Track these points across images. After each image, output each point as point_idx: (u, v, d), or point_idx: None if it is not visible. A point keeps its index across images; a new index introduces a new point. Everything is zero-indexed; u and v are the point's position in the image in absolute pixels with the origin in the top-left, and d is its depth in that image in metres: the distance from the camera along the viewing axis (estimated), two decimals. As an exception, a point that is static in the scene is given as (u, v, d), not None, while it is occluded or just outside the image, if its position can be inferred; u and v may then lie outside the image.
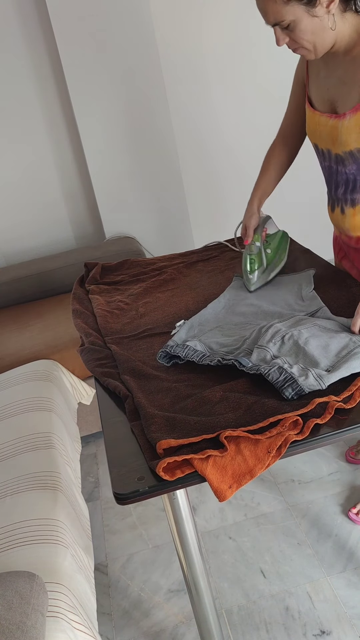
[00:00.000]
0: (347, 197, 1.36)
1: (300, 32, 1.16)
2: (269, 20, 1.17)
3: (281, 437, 0.88)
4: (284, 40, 1.19)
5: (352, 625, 1.43)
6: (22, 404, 1.75)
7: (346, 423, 0.92)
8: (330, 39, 1.19)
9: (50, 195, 2.90)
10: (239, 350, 1.12)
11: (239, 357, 1.07)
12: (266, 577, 1.61)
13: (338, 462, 1.98)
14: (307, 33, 1.16)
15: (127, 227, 2.87)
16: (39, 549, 1.20)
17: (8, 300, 2.61)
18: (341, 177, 1.35)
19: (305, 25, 1.15)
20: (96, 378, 1.21)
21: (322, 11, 1.13)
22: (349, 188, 1.34)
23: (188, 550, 1.04)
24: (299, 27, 1.15)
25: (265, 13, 1.16)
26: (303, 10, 1.12)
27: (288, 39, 1.19)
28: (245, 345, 1.13)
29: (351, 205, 1.36)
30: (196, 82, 2.83)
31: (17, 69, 2.63)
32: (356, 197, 1.34)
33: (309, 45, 1.19)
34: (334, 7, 1.13)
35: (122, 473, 0.90)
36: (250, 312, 1.35)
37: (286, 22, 1.15)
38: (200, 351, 1.15)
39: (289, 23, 1.15)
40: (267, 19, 1.17)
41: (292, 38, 1.18)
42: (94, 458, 2.27)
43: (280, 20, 1.15)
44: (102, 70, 2.55)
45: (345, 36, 1.20)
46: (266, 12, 1.16)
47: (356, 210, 1.35)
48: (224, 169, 3.05)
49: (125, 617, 1.58)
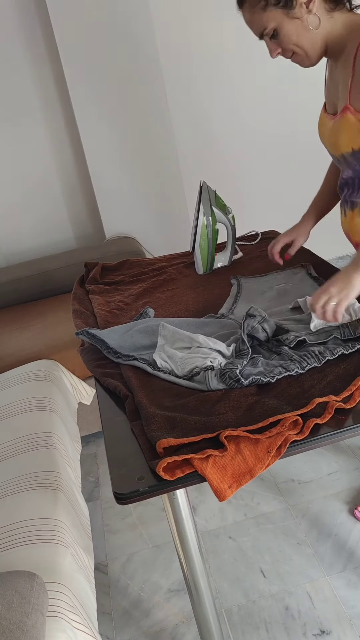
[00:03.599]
0: (347, 200, 1.36)
1: (285, 37, 1.16)
2: (255, 32, 1.19)
3: (281, 437, 0.89)
4: (276, 51, 1.20)
5: (352, 625, 1.43)
6: (22, 404, 1.75)
7: (346, 423, 0.92)
8: (318, 40, 1.18)
9: (50, 195, 2.90)
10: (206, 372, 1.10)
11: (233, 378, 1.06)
12: (266, 576, 1.62)
13: (338, 462, 1.98)
14: (292, 37, 1.16)
15: (127, 227, 2.87)
16: (39, 548, 1.20)
17: (8, 300, 2.61)
18: (343, 178, 1.35)
19: (288, 29, 1.15)
20: (96, 378, 1.21)
21: (302, 12, 1.13)
22: (350, 190, 1.34)
23: (188, 550, 1.04)
24: (283, 32, 1.15)
25: (251, 26, 1.18)
26: (282, 14, 1.13)
27: (279, 49, 1.20)
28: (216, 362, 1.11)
29: (350, 208, 1.36)
30: (196, 82, 2.83)
31: (17, 69, 2.63)
32: (355, 201, 1.33)
33: (298, 50, 1.18)
34: (313, 6, 1.13)
35: (122, 473, 0.90)
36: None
37: (269, 29, 1.16)
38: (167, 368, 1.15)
39: (272, 30, 1.16)
40: (254, 31, 1.19)
41: (280, 46, 1.19)
42: (94, 458, 2.27)
43: (264, 29, 1.16)
44: (103, 71, 2.55)
45: (337, 36, 1.18)
46: (251, 25, 1.18)
47: (355, 214, 1.35)
48: (224, 169, 3.05)
49: (125, 616, 1.58)
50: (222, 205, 1.63)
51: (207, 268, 1.67)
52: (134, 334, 1.25)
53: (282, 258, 1.56)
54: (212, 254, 1.65)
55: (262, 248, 1.81)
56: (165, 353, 1.16)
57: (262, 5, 1.14)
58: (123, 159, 2.74)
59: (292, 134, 3.03)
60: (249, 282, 1.52)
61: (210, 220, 1.60)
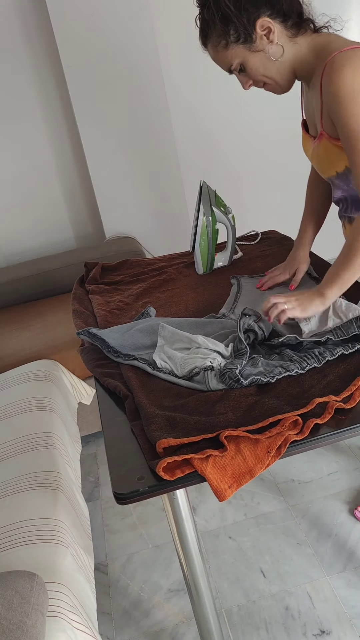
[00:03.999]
0: (342, 215, 1.36)
1: (252, 70, 1.16)
2: (224, 69, 1.19)
3: (281, 437, 0.88)
4: (247, 83, 1.20)
5: (352, 625, 1.43)
6: (22, 404, 1.75)
7: (346, 423, 0.92)
8: (286, 68, 1.17)
9: (50, 195, 2.90)
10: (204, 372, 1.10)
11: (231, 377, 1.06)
12: (266, 576, 1.62)
13: (338, 462, 1.98)
14: (259, 69, 1.16)
15: (127, 227, 2.87)
16: (39, 548, 1.20)
17: (8, 300, 2.61)
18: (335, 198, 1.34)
19: (253, 62, 1.15)
20: (96, 378, 1.21)
21: (263, 44, 1.13)
22: (344, 207, 1.34)
23: (188, 550, 1.04)
24: (249, 66, 1.16)
25: (218, 64, 1.19)
26: (244, 49, 1.14)
27: (250, 81, 1.20)
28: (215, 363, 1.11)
29: (349, 222, 1.35)
30: (196, 82, 2.83)
31: (17, 69, 2.63)
32: (350, 216, 1.33)
33: (268, 80, 1.18)
34: (274, 36, 1.12)
35: (122, 473, 0.90)
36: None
37: (235, 65, 1.16)
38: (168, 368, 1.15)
39: (239, 65, 1.16)
40: (222, 68, 1.19)
41: (251, 78, 1.19)
42: (94, 458, 2.27)
43: (230, 65, 1.17)
44: (103, 71, 2.55)
45: (304, 60, 1.17)
46: (218, 63, 1.19)
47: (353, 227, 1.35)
48: (224, 169, 3.05)
49: (125, 616, 1.58)
50: (222, 205, 1.63)
51: (207, 268, 1.67)
52: (134, 333, 1.25)
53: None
54: (212, 254, 1.65)
55: (262, 248, 1.81)
56: (165, 353, 1.16)
57: (223, 45, 1.14)
58: (123, 159, 2.73)
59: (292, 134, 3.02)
60: (249, 282, 1.52)
61: (210, 220, 1.60)
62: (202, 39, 1.20)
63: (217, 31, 1.14)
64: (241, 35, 1.12)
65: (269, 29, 1.11)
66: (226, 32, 1.13)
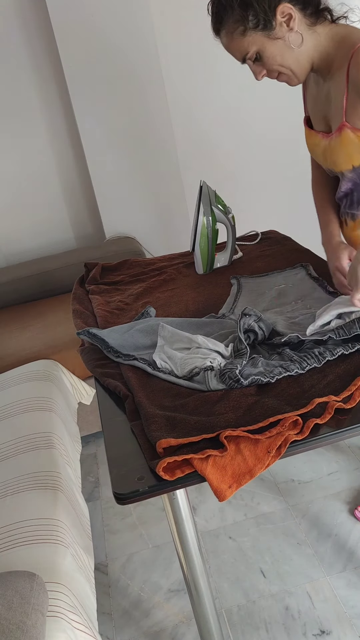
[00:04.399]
0: (346, 211, 1.35)
1: (269, 59, 1.12)
2: (237, 58, 1.14)
3: (281, 437, 0.88)
4: (261, 73, 1.16)
5: (352, 625, 1.43)
6: (22, 404, 1.75)
7: (346, 423, 0.92)
8: (304, 57, 1.14)
9: (50, 195, 2.90)
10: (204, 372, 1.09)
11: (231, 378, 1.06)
12: (266, 577, 1.62)
13: (338, 462, 1.98)
14: (276, 58, 1.12)
15: (127, 227, 2.87)
16: (39, 549, 1.20)
17: (8, 300, 2.61)
18: (340, 191, 1.33)
19: (271, 51, 1.11)
20: (96, 378, 1.21)
21: (282, 32, 1.09)
22: (348, 202, 1.32)
23: (188, 550, 1.04)
24: (266, 55, 1.11)
25: (231, 52, 1.14)
26: (263, 36, 1.09)
27: (264, 71, 1.16)
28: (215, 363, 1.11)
29: (351, 219, 1.34)
30: (196, 82, 2.83)
31: (17, 69, 2.63)
32: (355, 213, 1.32)
33: (284, 70, 1.14)
34: (294, 24, 1.09)
35: (122, 473, 0.90)
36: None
37: (251, 53, 1.12)
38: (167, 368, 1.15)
39: (255, 54, 1.12)
40: (235, 57, 1.14)
41: (265, 68, 1.15)
42: (94, 458, 2.27)
43: (246, 53, 1.12)
44: (102, 71, 2.55)
45: (323, 51, 1.14)
46: (231, 51, 1.14)
47: (356, 224, 1.34)
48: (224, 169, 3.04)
49: (125, 617, 1.58)
50: (222, 205, 1.63)
51: (207, 268, 1.67)
52: (134, 333, 1.25)
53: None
54: (212, 254, 1.65)
55: (262, 248, 1.81)
56: (165, 353, 1.16)
57: (240, 31, 1.09)
58: (123, 159, 2.73)
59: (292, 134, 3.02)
60: (249, 282, 1.52)
61: (210, 220, 1.60)
62: (215, 25, 1.13)
63: (235, 16, 1.08)
64: (260, 21, 1.07)
65: (289, 15, 1.07)
66: (245, 17, 1.07)
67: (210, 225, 1.60)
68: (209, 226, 1.60)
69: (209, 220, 1.60)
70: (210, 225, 1.60)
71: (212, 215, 1.60)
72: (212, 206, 1.60)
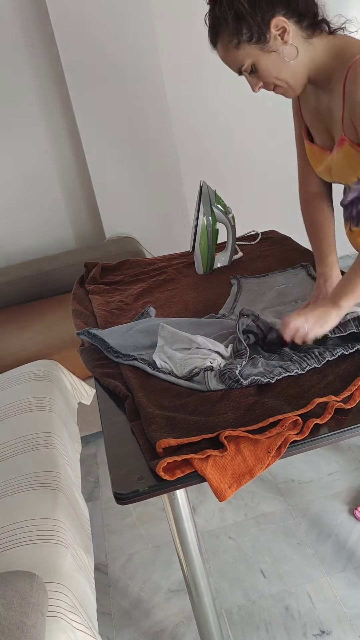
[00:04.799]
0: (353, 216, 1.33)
1: (264, 71, 1.11)
2: (233, 70, 1.15)
3: (281, 437, 0.88)
4: (257, 85, 1.16)
5: (352, 625, 1.43)
6: (22, 404, 1.75)
7: (346, 423, 0.92)
8: (300, 69, 1.13)
9: (50, 195, 2.90)
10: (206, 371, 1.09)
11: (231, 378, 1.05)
12: (266, 577, 1.61)
13: (338, 462, 1.98)
14: (271, 70, 1.11)
15: (127, 227, 2.87)
16: (39, 549, 1.20)
17: (8, 300, 2.61)
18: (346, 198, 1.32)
19: (265, 63, 1.10)
20: (96, 378, 1.21)
21: (277, 45, 1.09)
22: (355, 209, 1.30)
23: (188, 550, 1.04)
24: (261, 67, 1.11)
25: (228, 64, 1.14)
26: (257, 49, 1.09)
27: (261, 83, 1.15)
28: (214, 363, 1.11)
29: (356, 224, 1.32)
30: (196, 82, 2.83)
31: (17, 69, 2.63)
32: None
33: (280, 82, 1.14)
34: (289, 37, 1.08)
35: (122, 473, 0.90)
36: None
37: (246, 66, 1.11)
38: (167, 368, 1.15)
39: (250, 66, 1.11)
40: (232, 69, 1.14)
41: (261, 80, 1.14)
42: (94, 458, 2.27)
43: (241, 66, 1.12)
44: (103, 71, 2.55)
45: (320, 63, 1.13)
46: (228, 63, 1.14)
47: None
48: (224, 169, 3.04)
49: (125, 617, 1.58)
50: (222, 205, 1.63)
51: (207, 268, 1.67)
52: (134, 333, 1.25)
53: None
54: (212, 254, 1.65)
55: (262, 248, 1.81)
56: (164, 354, 1.16)
57: (234, 44, 1.09)
58: (123, 159, 2.73)
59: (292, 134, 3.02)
60: (249, 282, 1.52)
61: (210, 220, 1.60)
62: (211, 37, 1.14)
63: (229, 30, 1.08)
64: (254, 35, 1.07)
65: (283, 28, 1.07)
66: (239, 30, 1.07)
67: (210, 225, 1.60)
68: (209, 226, 1.60)
69: (209, 220, 1.60)
70: (210, 225, 1.60)
71: (212, 215, 1.60)
72: (212, 206, 1.60)
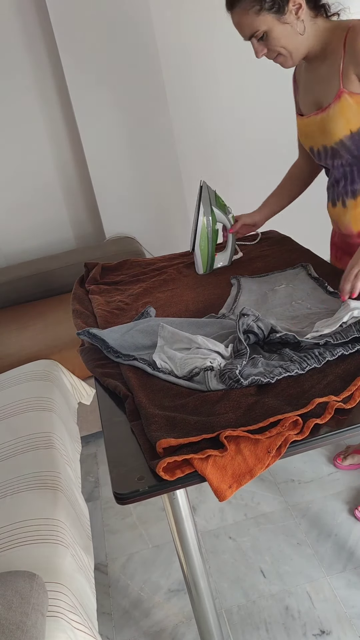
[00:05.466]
0: (347, 189, 1.39)
1: (274, 39, 1.24)
2: (244, 34, 1.26)
3: (281, 437, 0.88)
4: (262, 52, 1.28)
5: (352, 625, 1.43)
6: (22, 404, 1.75)
7: (346, 423, 0.92)
8: (303, 44, 1.27)
9: (50, 195, 2.90)
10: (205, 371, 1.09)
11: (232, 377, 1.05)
12: (266, 576, 1.62)
13: (338, 462, 1.98)
14: (281, 40, 1.25)
15: (127, 227, 2.87)
16: (39, 549, 1.20)
17: (8, 300, 2.61)
18: (338, 171, 1.39)
19: (278, 32, 1.23)
20: (96, 378, 1.21)
21: (291, 18, 1.22)
22: (348, 180, 1.38)
23: (188, 550, 1.04)
24: (272, 35, 1.24)
25: (241, 27, 1.25)
26: (274, 18, 1.22)
27: (265, 50, 1.27)
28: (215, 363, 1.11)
29: (352, 196, 1.39)
30: (196, 82, 2.83)
31: (17, 69, 2.63)
32: (357, 188, 1.37)
33: (284, 51, 1.27)
34: (302, 13, 1.23)
35: (122, 473, 0.90)
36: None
37: (260, 32, 1.23)
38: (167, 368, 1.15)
39: (262, 33, 1.23)
40: (243, 33, 1.26)
41: (268, 47, 1.27)
42: (94, 458, 2.27)
43: (255, 31, 1.23)
44: (103, 71, 2.55)
45: (319, 40, 1.28)
46: (241, 27, 1.25)
47: (357, 202, 1.38)
48: (224, 169, 3.04)
49: (125, 617, 1.58)
50: (222, 205, 1.63)
51: (207, 268, 1.67)
52: (134, 333, 1.25)
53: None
54: (212, 254, 1.65)
55: (262, 248, 1.81)
56: (164, 354, 1.16)
57: (256, 10, 1.21)
58: (123, 159, 2.74)
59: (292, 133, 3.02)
60: (249, 282, 1.52)
61: (210, 220, 1.60)
62: (232, 0, 1.24)
63: None
64: (275, 5, 1.20)
65: (299, 5, 1.22)
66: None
67: (210, 225, 1.60)
68: (209, 226, 1.60)
69: (209, 220, 1.60)
70: (210, 225, 1.60)
71: (212, 215, 1.60)
72: (212, 206, 1.60)
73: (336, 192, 1.43)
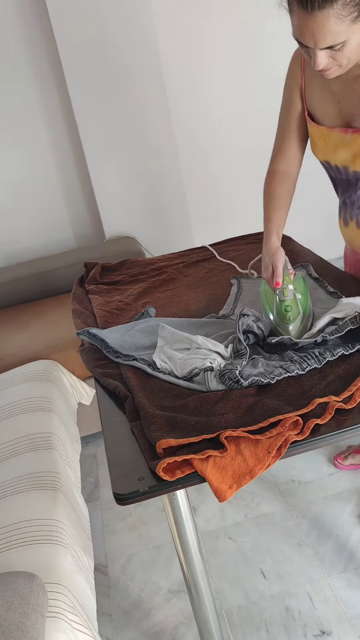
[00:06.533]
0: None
1: (350, 51, 1.05)
2: (321, 42, 1.03)
3: (281, 438, 0.88)
4: (324, 63, 1.08)
5: (352, 625, 1.43)
6: (22, 404, 1.75)
7: (346, 423, 0.91)
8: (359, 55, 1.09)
9: (50, 195, 2.90)
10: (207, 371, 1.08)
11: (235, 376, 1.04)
12: (266, 577, 1.61)
13: (338, 462, 1.98)
14: (353, 51, 1.06)
15: (127, 227, 2.87)
16: (39, 549, 1.20)
17: (8, 300, 2.61)
18: (356, 194, 1.28)
19: (355, 43, 1.05)
20: (96, 378, 1.21)
21: None
22: None
23: (188, 550, 1.04)
24: (349, 47, 1.04)
25: (321, 34, 1.02)
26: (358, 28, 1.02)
27: (328, 61, 1.08)
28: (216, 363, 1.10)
29: None
30: (196, 82, 2.83)
31: (17, 69, 2.63)
32: None
33: (345, 62, 1.08)
34: None
35: (122, 473, 0.90)
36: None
37: (342, 41, 1.03)
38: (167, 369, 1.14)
39: (342, 43, 1.03)
40: (317, 40, 1.03)
41: (335, 58, 1.07)
42: (94, 458, 2.27)
43: (342, 41, 1.02)
44: (103, 71, 2.55)
45: None
46: (322, 33, 1.01)
47: None
48: (224, 169, 3.04)
49: (125, 617, 1.58)
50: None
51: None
52: (134, 333, 1.25)
53: None
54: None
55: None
56: (164, 354, 1.16)
57: (351, 18, 0.99)
58: (123, 159, 2.73)
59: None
60: (249, 283, 1.52)
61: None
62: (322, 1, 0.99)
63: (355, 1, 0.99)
64: None
65: None
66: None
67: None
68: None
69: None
70: None
71: None
72: None
73: (350, 212, 1.32)
